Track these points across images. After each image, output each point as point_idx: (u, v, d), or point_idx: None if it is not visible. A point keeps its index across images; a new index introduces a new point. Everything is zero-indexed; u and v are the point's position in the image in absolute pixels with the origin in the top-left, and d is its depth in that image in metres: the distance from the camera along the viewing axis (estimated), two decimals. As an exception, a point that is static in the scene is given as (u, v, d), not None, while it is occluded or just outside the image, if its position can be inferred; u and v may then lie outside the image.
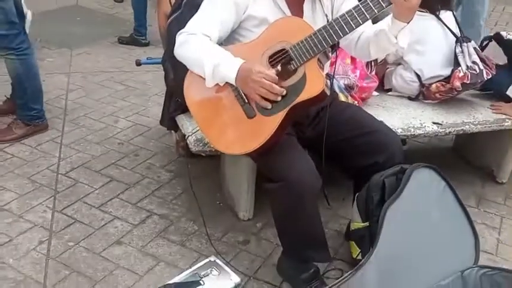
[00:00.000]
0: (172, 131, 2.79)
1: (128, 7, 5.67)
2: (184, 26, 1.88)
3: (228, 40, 1.83)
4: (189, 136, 1.95)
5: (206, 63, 1.68)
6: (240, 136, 1.71)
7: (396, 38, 1.69)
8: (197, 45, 1.72)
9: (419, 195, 1.91)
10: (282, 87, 1.65)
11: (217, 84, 1.72)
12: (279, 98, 1.64)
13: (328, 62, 1.85)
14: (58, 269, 1.97)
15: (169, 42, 2.18)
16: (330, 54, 1.79)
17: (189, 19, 1.89)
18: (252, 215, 2.33)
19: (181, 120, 2.24)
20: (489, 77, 2.41)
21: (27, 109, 2.82)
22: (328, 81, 1.97)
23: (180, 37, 1.77)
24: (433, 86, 2.49)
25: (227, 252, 2.11)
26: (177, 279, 1.63)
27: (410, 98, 2.59)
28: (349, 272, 1.68)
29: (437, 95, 2.51)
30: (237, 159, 2.22)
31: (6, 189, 2.43)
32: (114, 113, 3.26)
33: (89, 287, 1.90)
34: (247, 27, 1.80)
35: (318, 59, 1.67)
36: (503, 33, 2.59)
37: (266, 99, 1.65)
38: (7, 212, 2.27)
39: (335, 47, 1.76)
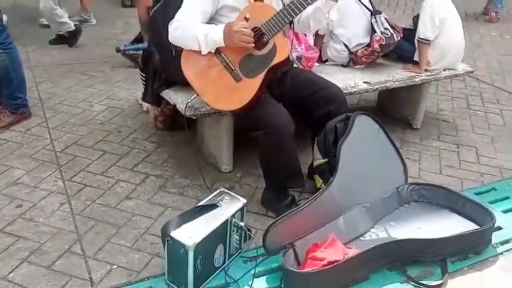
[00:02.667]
0: (149, 108, 3.26)
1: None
2: (166, 15, 2.41)
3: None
4: (188, 103, 2.43)
5: (199, 34, 2.22)
6: (232, 96, 2.26)
7: (328, 13, 2.32)
8: (188, 26, 2.25)
9: (362, 134, 2.52)
10: (258, 55, 2.22)
11: (209, 54, 2.24)
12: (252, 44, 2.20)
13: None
14: (85, 221, 2.40)
15: (154, 30, 2.68)
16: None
17: (170, 9, 2.42)
18: (232, 167, 2.87)
19: (168, 94, 2.73)
20: (399, 39, 3.11)
21: (13, 98, 3.14)
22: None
23: (173, 24, 2.29)
24: (359, 52, 3.14)
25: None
26: (199, 203, 2.12)
27: (343, 66, 3.24)
28: (319, 191, 2.26)
29: (363, 59, 3.17)
30: (216, 122, 2.73)
31: (13, 167, 2.77)
32: (86, 99, 3.63)
33: (116, 230, 2.34)
34: (223, 13, 2.35)
35: (283, 31, 2.25)
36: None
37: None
38: (22, 185, 2.63)
39: (292, 23, 2.34)
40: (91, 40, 4.85)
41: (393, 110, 3.62)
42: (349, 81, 2.95)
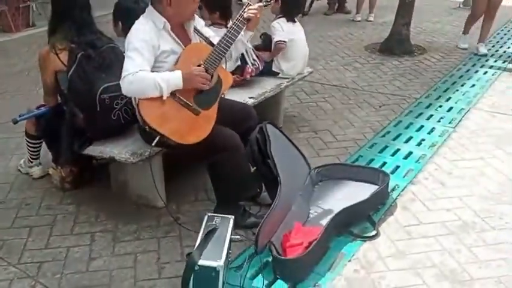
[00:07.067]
0: (52, 172, 3.18)
1: None
2: (85, 76, 2.57)
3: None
4: (150, 149, 2.62)
5: (160, 82, 2.43)
6: (196, 129, 2.54)
7: (247, 41, 2.78)
8: (144, 77, 2.44)
9: (275, 138, 3.01)
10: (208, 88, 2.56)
11: (165, 99, 2.46)
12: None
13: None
14: (71, 293, 2.35)
15: (74, 91, 2.73)
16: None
17: (88, 70, 2.59)
18: (166, 201, 3.05)
19: (95, 150, 2.82)
20: (262, 68, 3.74)
21: None
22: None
23: (127, 78, 2.43)
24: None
25: (174, 229, 2.82)
26: (201, 233, 2.31)
27: None
28: (278, 192, 2.68)
29: (233, 84, 3.66)
30: (146, 164, 2.86)
31: None
32: (-38, 181, 3.28)
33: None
34: (161, 59, 2.59)
35: None
36: None
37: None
38: (-31, 287, 2.39)
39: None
40: None
41: (259, 115, 4.19)
42: (239, 99, 3.40)
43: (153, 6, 2.63)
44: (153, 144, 2.54)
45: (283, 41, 3.82)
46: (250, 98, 3.51)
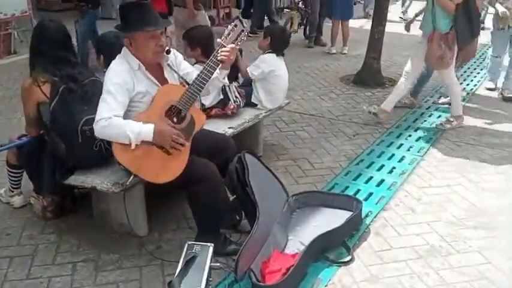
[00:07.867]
0: (34, 202, 3.22)
1: None
2: (67, 108, 2.70)
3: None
4: (128, 182, 2.69)
5: (130, 134, 2.55)
6: (169, 168, 2.64)
7: (224, 78, 2.93)
8: (117, 124, 2.56)
9: (253, 167, 3.12)
10: (181, 128, 2.65)
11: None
12: (185, 143, 2.64)
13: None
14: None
15: (56, 123, 2.82)
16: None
17: (70, 102, 2.72)
18: (148, 229, 3.12)
19: (77, 179, 2.90)
20: (243, 104, 3.90)
21: None
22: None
23: (100, 123, 2.56)
24: (213, 111, 3.75)
25: (152, 259, 2.87)
26: (181, 261, 2.38)
27: None
28: (256, 220, 2.78)
29: (213, 115, 3.79)
30: (128, 194, 2.95)
31: None
32: None
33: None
34: (137, 99, 2.71)
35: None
36: None
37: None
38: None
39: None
40: None
41: (238, 145, 4.30)
42: (219, 129, 3.52)
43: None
44: (127, 182, 2.65)
45: (252, 73, 4.02)
46: (229, 128, 3.63)
